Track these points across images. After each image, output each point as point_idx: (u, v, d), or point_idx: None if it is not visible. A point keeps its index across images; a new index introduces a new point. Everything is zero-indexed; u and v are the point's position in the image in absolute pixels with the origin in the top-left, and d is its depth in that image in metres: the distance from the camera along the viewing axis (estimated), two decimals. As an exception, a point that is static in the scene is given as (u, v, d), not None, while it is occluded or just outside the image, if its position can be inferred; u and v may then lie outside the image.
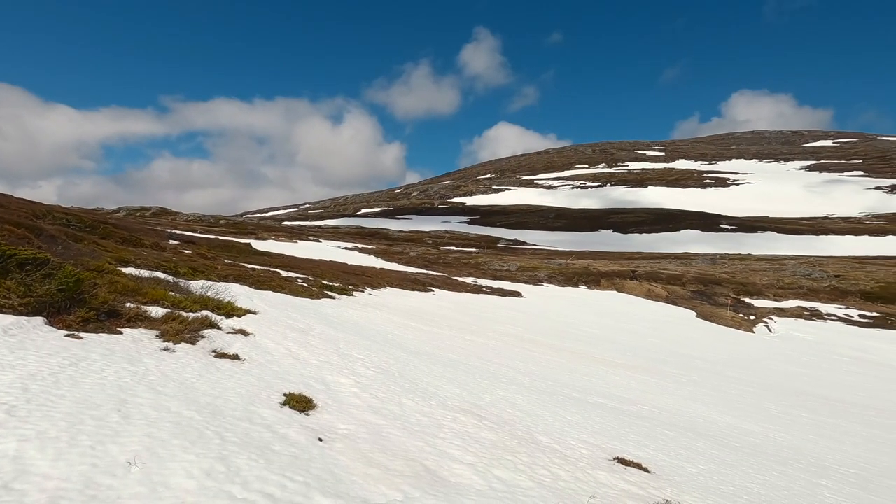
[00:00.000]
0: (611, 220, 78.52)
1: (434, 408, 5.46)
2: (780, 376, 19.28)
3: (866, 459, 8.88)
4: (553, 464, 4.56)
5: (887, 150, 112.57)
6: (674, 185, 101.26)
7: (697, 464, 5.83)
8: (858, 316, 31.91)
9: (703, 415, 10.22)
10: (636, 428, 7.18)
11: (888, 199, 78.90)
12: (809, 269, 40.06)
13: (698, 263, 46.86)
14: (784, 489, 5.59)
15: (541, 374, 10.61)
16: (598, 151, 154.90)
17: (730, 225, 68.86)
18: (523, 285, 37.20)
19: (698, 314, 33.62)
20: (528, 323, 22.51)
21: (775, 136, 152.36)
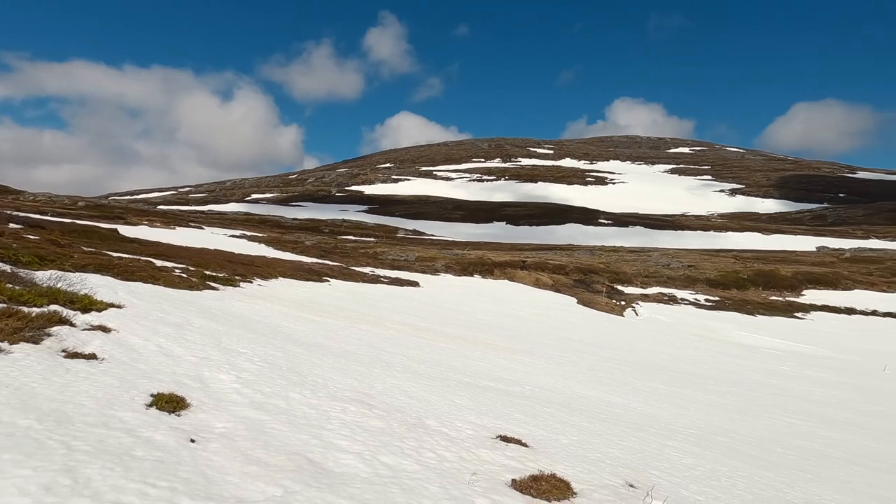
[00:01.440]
0: (504, 213, 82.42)
1: (323, 399, 5.35)
2: (643, 354, 21.85)
3: (705, 421, 10.45)
4: (440, 446, 4.72)
5: (729, 159, 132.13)
6: (560, 181, 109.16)
7: (570, 436, 6.42)
8: (704, 300, 37.22)
9: (578, 391, 11.24)
10: (519, 407, 7.69)
11: (729, 200, 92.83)
12: (669, 260, 45.79)
13: (580, 254, 51.13)
14: (639, 451, 6.38)
15: (434, 361, 10.88)
16: (494, 146, 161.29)
17: (607, 220, 76.06)
18: (421, 275, 37.69)
19: (578, 300, 36.72)
20: (424, 312, 22.89)
21: (645, 142, 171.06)
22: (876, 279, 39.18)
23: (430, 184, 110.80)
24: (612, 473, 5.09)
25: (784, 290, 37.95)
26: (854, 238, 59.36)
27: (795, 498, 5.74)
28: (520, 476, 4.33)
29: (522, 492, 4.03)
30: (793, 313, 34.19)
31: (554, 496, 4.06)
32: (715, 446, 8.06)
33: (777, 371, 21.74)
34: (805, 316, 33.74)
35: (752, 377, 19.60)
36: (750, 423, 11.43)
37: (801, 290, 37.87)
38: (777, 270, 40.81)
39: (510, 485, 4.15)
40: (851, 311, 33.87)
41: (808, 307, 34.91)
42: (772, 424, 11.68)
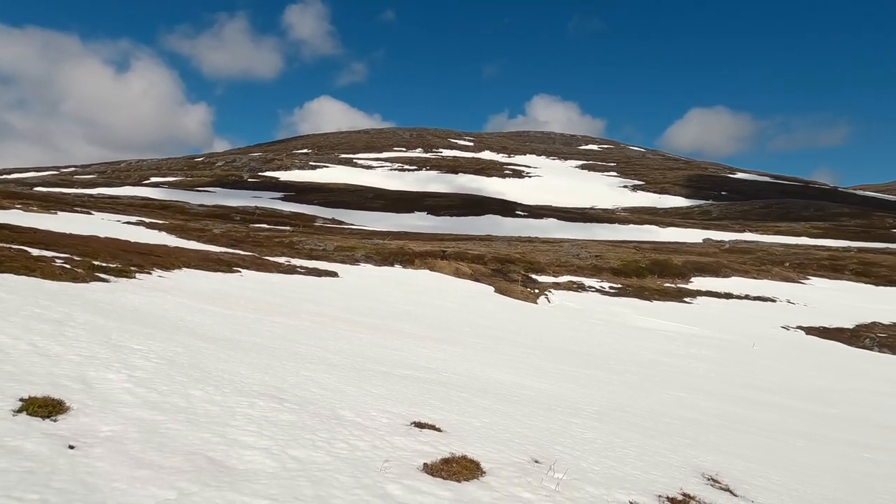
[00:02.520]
0: (426, 203, 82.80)
1: (228, 396, 5.08)
2: (553, 339, 23.17)
3: (605, 398, 11.34)
4: (353, 436, 4.69)
5: (633, 158, 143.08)
6: (480, 173, 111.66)
7: (483, 418, 6.67)
8: (609, 287, 40.17)
9: (493, 376, 11.68)
10: (435, 394, 7.84)
11: (632, 195, 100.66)
12: (578, 251, 48.77)
13: (498, 245, 52.83)
14: (546, 429, 6.79)
15: (351, 352, 10.73)
16: (416, 136, 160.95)
17: (523, 212, 79.19)
18: (340, 265, 36.85)
19: (496, 289, 37.99)
20: (343, 302, 22.45)
21: (559, 138, 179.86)
22: (749, 267, 44.66)
23: (351, 172, 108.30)
24: (519, 451, 5.37)
25: (676, 278, 42.01)
26: (732, 231, 67.09)
27: (676, 461, 6.43)
28: (432, 460, 4.43)
29: (433, 475, 4.13)
30: (682, 298, 37.98)
31: (464, 476, 4.21)
32: (613, 421, 8.78)
33: (668, 350, 24.09)
34: (692, 300, 37.63)
35: (647, 357, 21.56)
36: (643, 398, 12.59)
37: (690, 277, 42.17)
38: (670, 260, 45.05)
39: (422, 469, 4.23)
40: (729, 296, 38.34)
41: (695, 293, 38.95)
42: (661, 398, 12.96)
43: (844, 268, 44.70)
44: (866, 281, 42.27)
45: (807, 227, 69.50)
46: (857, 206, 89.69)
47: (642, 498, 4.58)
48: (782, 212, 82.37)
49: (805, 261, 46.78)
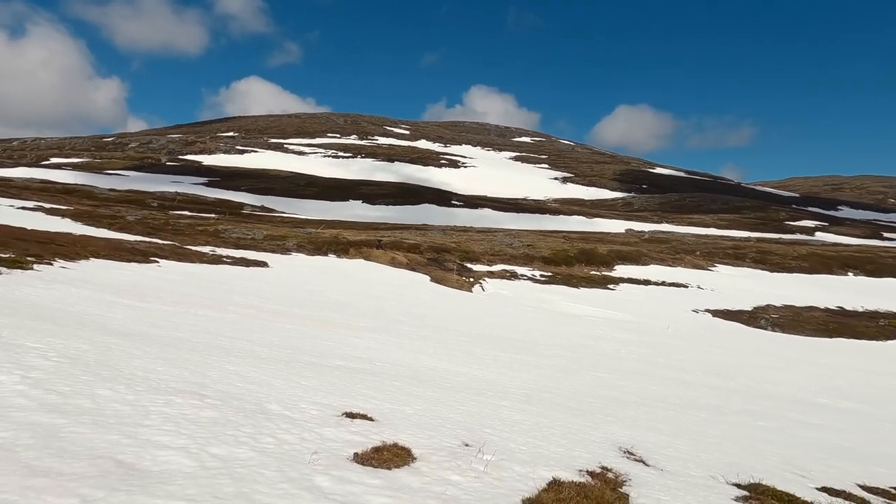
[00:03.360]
0: (361, 192, 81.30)
1: (142, 394, 4.74)
2: (487, 326, 23.75)
3: (534, 382, 11.82)
4: (280, 429, 4.56)
5: (563, 151, 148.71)
6: (416, 162, 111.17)
7: (415, 406, 6.73)
8: (539, 275, 41.72)
9: (427, 364, 11.79)
10: (368, 383, 7.79)
11: (562, 187, 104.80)
12: (511, 240, 50.16)
13: (433, 234, 53.06)
14: (476, 414, 6.98)
15: (281, 344, 10.39)
16: (350, 122, 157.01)
17: (459, 202, 80.00)
18: (270, 255, 35.38)
19: (432, 278, 38.21)
20: (273, 293, 21.61)
21: (493, 129, 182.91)
22: (665, 256, 48.16)
23: (281, 157, 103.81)
24: (450, 436, 5.48)
25: (601, 266, 44.44)
26: (651, 222, 71.92)
27: (597, 437, 6.87)
28: (363, 449, 4.41)
29: (364, 464, 4.12)
30: (607, 285, 40.27)
31: (395, 463, 4.23)
32: (541, 402, 9.19)
33: (593, 335, 25.51)
34: (615, 287, 40.01)
35: (574, 341, 22.71)
36: (570, 380, 13.27)
37: (613, 265, 44.78)
38: (596, 249, 47.53)
39: (352, 459, 4.20)
40: (648, 282, 41.18)
41: (617, 280, 41.43)
42: (586, 379, 13.73)
43: (745, 256, 49.45)
44: (763, 267, 47.04)
45: (715, 219, 75.97)
46: (757, 201, 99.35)
47: (564, 473, 4.84)
48: (694, 205, 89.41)
49: (713, 250, 51.19)
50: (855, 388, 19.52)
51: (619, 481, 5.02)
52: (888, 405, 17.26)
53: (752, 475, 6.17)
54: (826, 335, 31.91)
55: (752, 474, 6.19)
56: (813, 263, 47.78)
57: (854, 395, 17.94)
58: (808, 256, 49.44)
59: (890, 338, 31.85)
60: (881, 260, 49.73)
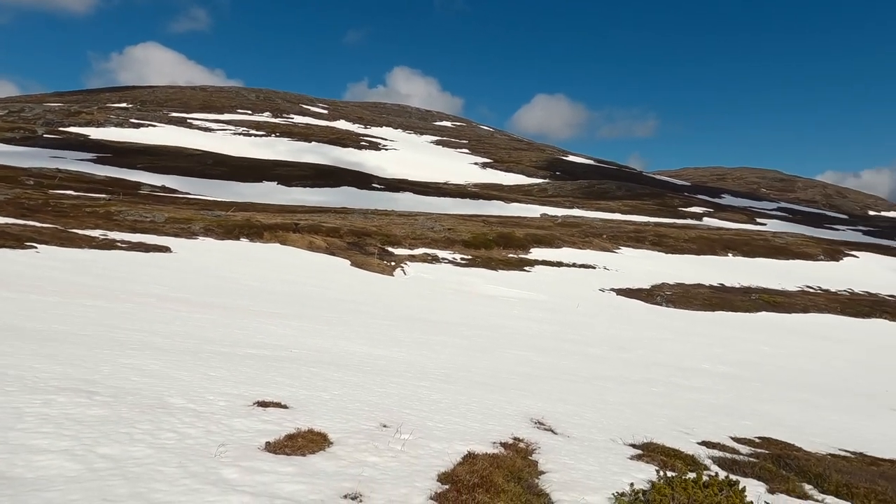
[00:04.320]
0: (276, 173, 77.28)
1: (13, 395, 4.20)
2: (408, 309, 23.86)
3: (454, 361, 12.11)
4: (183, 424, 4.27)
5: (483, 136, 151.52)
6: (335, 143, 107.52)
7: (333, 391, 6.62)
8: (460, 259, 42.54)
9: (347, 349, 11.62)
10: (283, 371, 7.52)
11: (482, 172, 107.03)
12: (433, 224, 50.51)
13: (353, 217, 51.96)
14: (396, 395, 7.02)
15: (186, 334, 9.69)
16: (264, 99, 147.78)
17: (380, 185, 78.87)
18: (174, 239, 32.67)
19: (352, 263, 37.52)
20: (177, 281, 20.03)
21: (414, 112, 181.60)
22: (576, 239, 51.19)
23: (184, 133, 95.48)
24: (368, 418, 5.47)
25: (518, 249, 46.25)
26: (564, 208, 75.91)
27: (511, 411, 7.22)
28: (275, 438, 4.27)
29: (276, 452, 3.99)
30: (523, 267, 42.05)
31: (310, 449, 4.15)
32: (459, 381, 9.45)
33: (511, 315, 26.61)
34: (531, 269, 41.90)
35: (492, 321, 23.54)
36: (488, 358, 13.77)
37: (530, 248, 46.80)
38: (513, 233, 49.33)
39: (264, 448, 4.05)
40: (560, 264, 43.59)
41: (533, 262, 43.40)
42: (503, 357, 14.33)
43: (645, 239, 53.96)
44: (660, 249, 51.65)
45: (619, 205, 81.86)
46: (656, 188, 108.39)
47: (479, 446, 5.04)
48: (602, 191, 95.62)
49: (617, 233, 55.24)
50: (731, 354, 22.24)
51: (529, 450, 5.32)
52: (755, 368, 19.88)
53: (646, 435, 6.83)
54: (710, 309, 35.89)
55: (645, 435, 6.86)
56: (700, 245, 53.29)
57: (729, 361, 20.44)
58: (696, 239, 55.04)
59: (760, 310, 36.55)
60: (755, 242, 56.66)
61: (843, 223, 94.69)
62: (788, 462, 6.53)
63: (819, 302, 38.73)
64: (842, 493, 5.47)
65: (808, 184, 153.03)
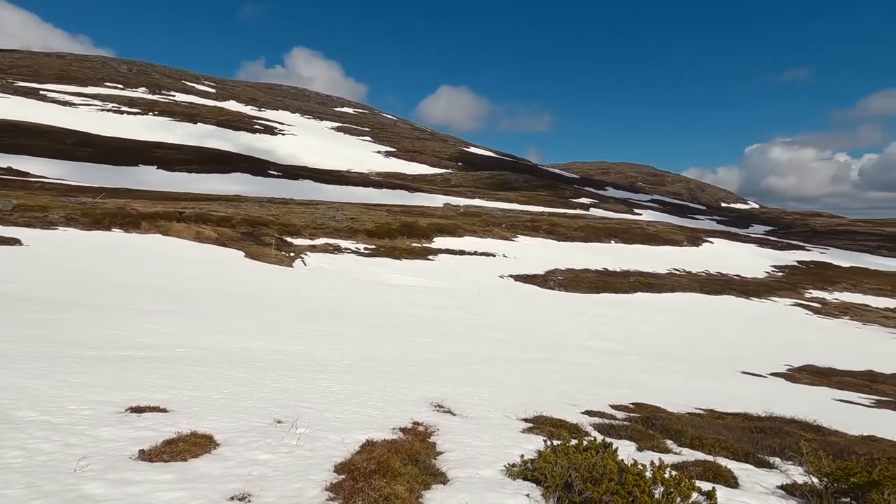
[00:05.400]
0: (155, 155, 69.68)
1: None
2: (309, 301, 23.03)
3: (356, 352, 11.94)
4: (34, 439, 3.73)
5: (385, 125, 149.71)
6: (225, 126, 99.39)
7: (223, 390, 6.20)
8: (364, 248, 41.90)
9: (240, 345, 10.92)
10: (164, 372, 6.88)
11: (385, 161, 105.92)
12: (335, 213, 49.06)
13: (247, 206, 48.71)
14: (293, 389, 6.77)
15: (41, 338, 8.44)
16: (137, 72, 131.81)
17: (276, 171, 74.64)
18: (25, 230, 28.19)
19: (247, 254, 35.27)
20: (30, 277, 17.33)
21: (314, 97, 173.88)
22: (477, 228, 52.93)
23: (36, 107, 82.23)
24: (261, 415, 5.21)
25: (422, 238, 46.68)
26: (466, 198, 77.99)
27: (412, 397, 7.32)
28: (151, 445, 3.90)
29: (152, 460, 3.65)
30: (427, 256, 42.58)
31: (192, 454, 3.86)
32: (361, 371, 9.36)
33: (414, 303, 26.84)
34: (435, 258, 42.57)
35: (396, 310, 23.57)
36: (391, 347, 13.79)
37: (433, 237, 47.46)
38: (417, 222, 49.66)
39: (137, 457, 3.69)
40: (463, 253, 44.82)
41: (436, 251, 44.12)
42: (407, 345, 14.43)
43: (540, 228, 57.40)
44: (553, 237, 55.29)
45: (517, 196, 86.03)
46: (550, 180, 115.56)
47: (379, 433, 5.05)
48: (501, 182, 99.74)
49: (515, 223, 58.09)
50: (612, 332, 24.59)
51: (428, 432, 5.45)
52: (632, 342, 22.23)
53: (537, 410, 7.33)
54: (595, 291, 39.29)
55: (536, 409, 7.36)
56: (588, 233, 57.97)
57: (611, 337, 22.62)
58: (584, 228, 59.75)
59: (637, 291, 40.79)
60: (633, 230, 62.91)
61: (702, 213, 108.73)
62: (655, 423, 7.41)
63: (683, 282, 44.20)
64: (695, 445, 6.35)
65: (675, 178, 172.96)
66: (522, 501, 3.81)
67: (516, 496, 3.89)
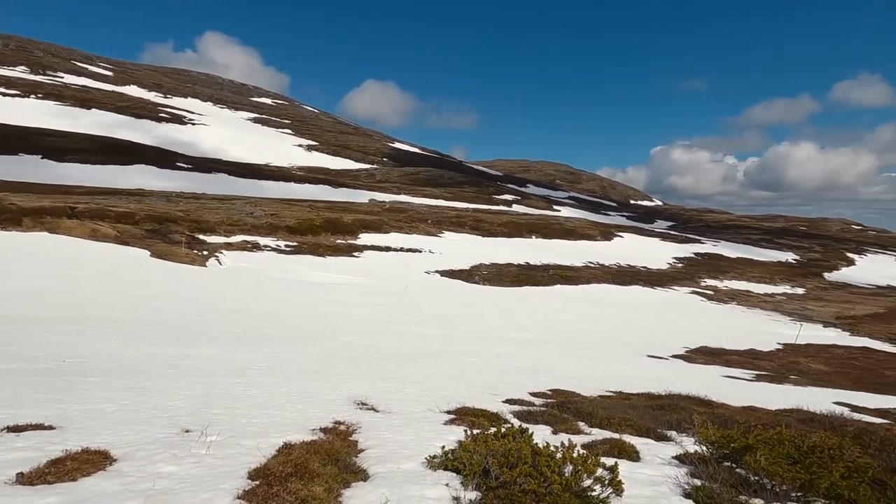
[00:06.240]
0: (40, 143, 61.96)
1: None
2: (225, 302, 21.74)
3: (277, 353, 11.47)
4: None
5: (307, 117, 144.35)
6: (125, 112, 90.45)
7: (121, 401, 5.70)
8: (285, 245, 40.25)
9: (145, 352, 10.08)
10: (50, 385, 6.19)
11: (307, 155, 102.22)
12: (252, 209, 46.61)
13: (153, 201, 44.90)
14: (204, 396, 6.37)
15: None
16: (16, 49, 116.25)
17: (187, 164, 69.40)
18: None
19: (153, 253, 32.57)
20: None
21: (227, 85, 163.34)
22: (403, 224, 52.80)
23: None
24: (167, 425, 4.87)
25: (346, 235, 45.72)
26: (392, 193, 77.47)
27: (335, 396, 7.18)
28: (33, 466, 3.51)
29: (34, 483, 3.29)
30: (352, 253, 41.79)
31: (83, 472, 3.52)
32: (281, 373, 9.01)
33: (340, 301, 26.26)
34: (360, 255, 41.90)
35: (321, 309, 22.93)
36: (314, 347, 13.40)
37: (358, 234, 46.66)
38: (341, 218, 48.55)
39: (15, 481, 3.30)
40: (389, 249, 44.52)
41: (362, 247, 43.43)
42: (330, 344, 14.10)
43: (465, 223, 58.47)
44: (477, 233, 56.56)
45: (443, 192, 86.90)
46: (474, 177, 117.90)
47: (297, 435, 4.91)
48: (427, 178, 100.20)
49: (441, 218, 58.67)
50: (533, 322, 25.70)
51: (350, 431, 5.39)
52: (552, 332, 23.38)
53: (460, 401, 7.49)
54: (518, 285, 40.79)
55: (459, 401, 7.52)
56: (510, 229, 59.96)
57: (532, 328, 23.63)
58: (507, 223, 61.71)
59: (556, 283, 42.90)
60: (552, 226, 65.99)
61: (614, 210, 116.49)
62: (569, 407, 7.87)
63: (598, 274, 47.17)
64: (604, 425, 6.84)
65: (590, 177, 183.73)
66: (442, 491, 3.90)
67: (436, 486, 3.96)
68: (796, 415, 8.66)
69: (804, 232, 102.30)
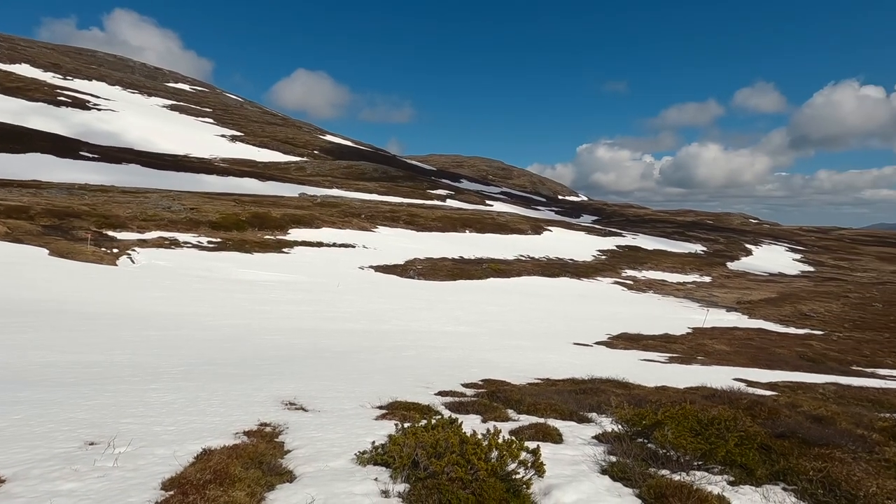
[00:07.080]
0: None
1: None
2: (139, 303, 20.14)
3: (196, 356, 10.82)
4: None
5: (230, 106, 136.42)
6: (16, 94, 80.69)
7: (12, 416, 5.13)
8: (207, 242, 37.93)
9: (42, 360, 9.13)
10: (-78, 403, 5.43)
11: (231, 146, 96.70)
12: (170, 203, 43.42)
13: (52, 194, 40.55)
14: (113, 405, 5.89)
15: None
16: None
17: (92, 154, 63.24)
18: None
19: (52, 252, 29.48)
20: None
21: (139, 68, 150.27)
22: (335, 219, 51.57)
23: None
24: (67, 439, 4.45)
25: (275, 230, 43.89)
26: (323, 188, 75.33)
27: (260, 398, 6.91)
28: None
29: None
30: (281, 249, 40.22)
31: (-38, 497, 3.14)
32: (201, 376, 8.52)
33: (268, 299, 25.20)
34: (290, 250, 40.42)
35: (247, 307, 21.88)
36: (239, 347, 12.78)
37: (288, 229, 44.96)
38: (270, 213, 46.53)
39: None
40: (321, 244, 43.32)
41: (292, 243, 41.92)
42: (257, 344, 13.52)
43: (399, 218, 58.16)
44: (412, 228, 56.49)
45: (377, 186, 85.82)
46: (409, 172, 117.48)
47: (218, 441, 4.67)
48: (360, 172, 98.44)
49: (375, 213, 57.95)
50: (467, 315, 26.15)
51: (276, 432, 5.21)
52: (484, 324, 23.93)
53: (392, 396, 7.48)
54: (452, 279, 41.28)
55: (391, 395, 7.51)
56: (445, 224, 60.46)
57: (466, 321, 24.05)
58: (441, 218, 62.16)
59: (489, 276, 43.89)
60: (485, 221, 67.33)
61: (543, 205, 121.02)
62: (499, 395, 8.12)
63: (528, 267, 48.82)
64: (531, 411, 7.13)
65: (521, 173, 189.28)
66: (370, 486, 3.89)
67: (364, 481, 3.94)
68: (701, 392, 9.50)
69: (711, 225, 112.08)
